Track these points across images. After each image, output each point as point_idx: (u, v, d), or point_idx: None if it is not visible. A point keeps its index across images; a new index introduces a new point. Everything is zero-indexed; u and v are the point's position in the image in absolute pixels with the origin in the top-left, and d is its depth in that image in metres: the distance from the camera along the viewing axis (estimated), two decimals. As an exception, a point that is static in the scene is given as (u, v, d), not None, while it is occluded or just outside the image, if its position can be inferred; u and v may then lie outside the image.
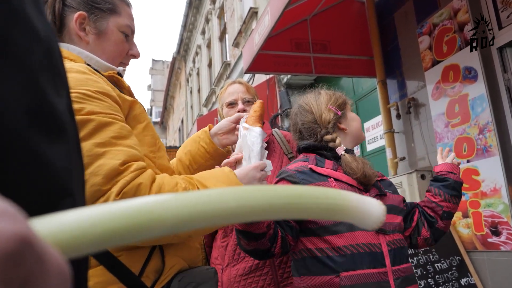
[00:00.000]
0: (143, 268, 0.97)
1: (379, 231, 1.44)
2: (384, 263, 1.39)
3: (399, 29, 4.14)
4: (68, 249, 0.26)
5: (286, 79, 6.60)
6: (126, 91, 1.15)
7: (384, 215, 0.43)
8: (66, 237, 0.26)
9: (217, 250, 1.87)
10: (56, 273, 0.23)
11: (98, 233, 0.27)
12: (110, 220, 0.28)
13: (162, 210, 0.30)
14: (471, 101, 3.21)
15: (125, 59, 1.26)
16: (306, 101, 1.69)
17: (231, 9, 10.59)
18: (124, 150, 0.92)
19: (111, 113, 0.96)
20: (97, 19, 1.16)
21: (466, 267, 3.18)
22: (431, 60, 3.62)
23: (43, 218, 0.26)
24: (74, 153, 0.40)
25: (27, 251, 0.21)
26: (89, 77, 0.99)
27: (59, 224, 0.26)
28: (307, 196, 0.38)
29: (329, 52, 4.50)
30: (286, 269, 1.76)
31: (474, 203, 3.17)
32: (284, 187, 0.37)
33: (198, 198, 0.32)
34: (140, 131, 1.08)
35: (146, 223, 0.29)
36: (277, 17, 3.41)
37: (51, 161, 0.34)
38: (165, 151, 1.17)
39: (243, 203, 0.34)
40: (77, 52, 1.13)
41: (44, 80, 0.36)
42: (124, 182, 0.88)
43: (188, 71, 18.14)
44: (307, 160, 1.55)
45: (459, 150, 3.30)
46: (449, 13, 3.44)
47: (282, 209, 0.36)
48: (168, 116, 26.36)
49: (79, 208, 0.28)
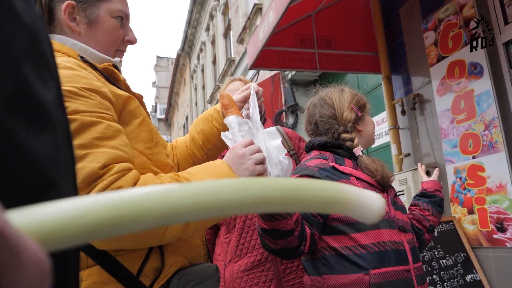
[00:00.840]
0: (141, 267, 0.95)
1: (401, 229, 1.47)
2: (408, 260, 1.42)
3: (404, 24, 4.11)
4: (48, 241, 0.25)
5: (291, 75, 6.59)
6: (121, 83, 1.11)
7: (384, 208, 0.43)
8: (46, 229, 0.25)
9: (220, 246, 1.87)
10: (32, 265, 0.22)
11: (80, 225, 0.26)
12: (92, 212, 0.27)
13: (148, 201, 0.29)
14: (476, 97, 3.19)
15: (122, 46, 1.20)
16: (329, 94, 1.68)
17: (235, 5, 10.57)
18: (107, 152, 0.87)
19: (97, 112, 0.91)
20: (87, 7, 1.10)
21: (471, 264, 3.17)
22: (436, 55, 3.60)
23: (22, 209, 0.26)
24: (63, 145, 0.39)
25: (1, 242, 0.20)
26: (77, 73, 0.94)
27: (39, 216, 0.25)
28: (305, 188, 0.37)
29: (334, 48, 4.48)
30: (288, 264, 1.76)
31: (480, 199, 3.16)
32: (280, 179, 0.36)
33: (189, 189, 0.31)
34: (136, 126, 1.04)
35: (130, 216, 0.28)
36: (282, 13, 3.40)
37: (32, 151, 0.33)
38: (164, 146, 1.14)
39: (237, 195, 0.33)
40: (70, 44, 1.08)
41: (27, 68, 0.35)
42: (102, 186, 0.84)
43: (193, 67, 18.14)
44: (325, 158, 1.54)
45: (465, 146, 3.28)
46: (454, 8, 3.42)
47: (277, 202, 0.35)
48: (173, 113, 26.38)
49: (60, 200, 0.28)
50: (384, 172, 1.52)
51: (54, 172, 0.36)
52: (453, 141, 3.39)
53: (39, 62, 0.38)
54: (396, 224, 1.47)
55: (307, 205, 0.37)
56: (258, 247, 1.76)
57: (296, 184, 0.36)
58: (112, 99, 0.99)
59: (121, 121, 1.00)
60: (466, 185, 3.27)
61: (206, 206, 0.31)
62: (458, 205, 3.35)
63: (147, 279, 0.95)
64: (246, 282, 1.73)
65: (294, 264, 1.76)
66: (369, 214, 0.41)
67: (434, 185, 1.81)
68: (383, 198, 0.43)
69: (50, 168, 0.36)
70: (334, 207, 0.39)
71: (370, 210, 0.41)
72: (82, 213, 0.27)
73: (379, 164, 1.54)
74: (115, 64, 1.14)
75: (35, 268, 0.22)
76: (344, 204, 0.39)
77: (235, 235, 1.80)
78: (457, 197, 3.36)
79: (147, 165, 1.02)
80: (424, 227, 1.69)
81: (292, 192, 0.36)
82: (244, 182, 0.34)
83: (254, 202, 0.33)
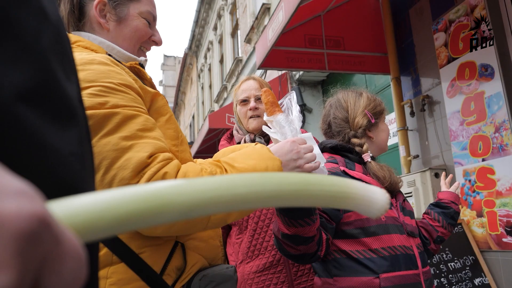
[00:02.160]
0: (165, 266, 0.96)
1: (410, 234, 1.48)
2: (417, 265, 1.43)
3: (414, 25, 4.09)
4: (83, 232, 0.26)
5: (298, 75, 6.58)
6: (147, 82, 1.14)
7: (388, 203, 0.43)
8: (82, 220, 0.26)
9: (232, 246, 1.87)
10: (72, 256, 0.23)
11: (113, 216, 0.27)
12: (124, 203, 0.28)
13: (175, 194, 0.30)
14: (487, 99, 3.16)
15: (146, 44, 1.23)
16: (345, 97, 1.68)
17: (243, 5, 10.56)
18: (151, 142, 0.91)
19: (135, 106, 0.94)
20: (117, 5, 1.14)
21: (480, 267, 3.15)
22: (446, 57, 3.58)
23: (59, 200, 0.26)
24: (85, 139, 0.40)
25: (45, 232, 0.21)
26: (112, 68, 0.97)
27: (75, 207, 0.26)
28: (315, 183, 0.38)
29: (343, 49, 4.47)
30: (300, 267, 1.75)
31: (489, 202, 3.13)
32: (292, 174, 0.37)
33: (209, 183, 0.32)
34: (163, 123, 1.05)
35: (158, 208, 0.29)
36: (291, 12, 3.39)
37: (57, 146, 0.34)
38: (187, 144, 1.15)
39: (253, 189, 0.34)
40: (98, 42, 1.11)
41: (54, 63, 0.35)
42: (151, 173, 0.87)
43: (200, 67, 18.17)
44: (335, 162, 1.54)
45: (474, 149, 3.26)
46: (465, 9, 3.39)
47: (291, 196, 0.36)
48: (179, 112, 26.45)
49: (92, 192, 0.28)
50: (392, 179, 1.53)
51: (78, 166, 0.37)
52: (463, 143, 3.36)
53: (63, 57, 0.38)
54: (405, 229, 1.48)
55: (318, 200, 0.38)
56: (270, 249, 1.75)
57: (308, 179, 0.38)
58: (142, 96, 1.01)
59: None
60: (475, 187, 3.25)
61: (225, 200, 0.32)
62: (467, 207, 3.33)
63: (169, 278, 0.96)
64: (258, 283, 1.72)
65: (306, 267, 1.75)
66: (374, 209, 0.42)
67: (450, 197, 1.77)
68: (388, 194, 0.43)
69: (75, 163, 0.36)
70: (341, 201, 0.40)
71: (374, 204, 0.42)
72: (115, 205, 0.28)
73: (386, 170, 1.55)
74: (141, 63, 1.17)
75: (74, 258, 0.23)
76: (350, 199, 0.40)
77: (247, 236, 1.79)
78: (466, 199, 3.34)
79: None
80: (432, 237, 1.68)
81: (305, 187, 0.37)
82: (260, 177, 0.35)
83: (270, 196, 0.35)
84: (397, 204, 1.55)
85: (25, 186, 0.22)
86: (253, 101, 1.95)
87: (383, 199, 0.43)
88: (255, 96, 1.96)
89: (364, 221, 1.42)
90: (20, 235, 0.20)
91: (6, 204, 0.20)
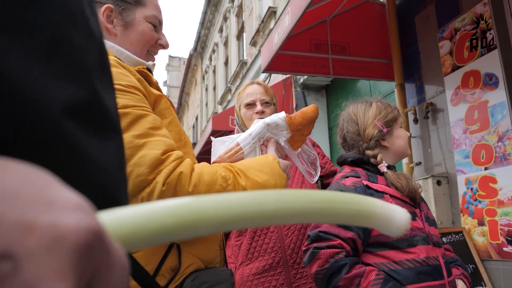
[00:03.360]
0: (159, 266, 0.97)
1: (436, 244, 1.48)
2: (443, 275, 1.43)
3: (419, 32, 4.10)
4: (127, 242, 0.27)
5: (303, 79, 6.59)
6: (153, 86, 1.16)
7: (409, 223, 0.44)
8: (126, 231, 0.28)
9: (231, 248, 1.88)
10: (119, 266, 0.24)
11: (154, 228, 0.29)
12: (165, 216, 0.29)
13: (212, 209, 0.31)
14: (491, 108, 3.17)
15: (153, 48, 1.27)
16: (354, 110, 1.68)
17: (249, 8, 10.59)
18: (162, 140, 0.94)
19: (143, 106, 0.98)
20: (123, 11, 1.18)
21: (480, 276, 3.14)
22: (451, 65, 3.58)
23: (106, 212, 0.28)
24: (122, 150, 0.42)
25: (98, 244, 0.22)
26: (120, 70, 1.00)
27: (120, 218, 0.28)
28: (340, 201, 0.39)
29: (348, 54, 4.48)
30: (299, 270, 1.76)
31: (491, 211, 3.13)
32: (318, 192, 0.38)
33: (244, 199, 0.33)
34: (165, 126, 1.07)
35: (197, 222, 0.30)
36: (298, 17, 3.40)
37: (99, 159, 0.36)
38: (191, 147, 1.17)
39: (282, 206, 0.35)
40: (108, 46, 1.14)
41: (97, 80, 0.37)
42: (168, 172, 0.90)
43: (204, 68, 18.20)
44: (357, 176, 1.55)
45: (477, 157, 3.26)
46: (471, 18, 3.40)
47: (317, 213, 0.37)
48: (183, 113, 26.48)
49: (135, 204, 0.30)
50: (410, 186, 1.52)
51: (118, 175, 0.39)
52: (466, 152, 3.37)
53: (104, 72, 0.40)
54: (430, 240, 1.48)
55: (341, 217, 0.39)
56: (269, 251, 1.76)
57: (334, 198, 0.39)
58: (147, 97, 1.04)
59: None
60: (477, 196, 3.25)
61: (256, 216, 0.33)
62: (468, 216, 3.33)
63: (163, 279, 0.96)
64: (257, 285, 1.73)
65: (305, 269, 1.76)
66: (394, 227, 0.43)
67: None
68: (409, 214, 0.44)
69: (115, 172, 0.38)
70: (363, 219, 0.41)
71: (395, 223, 0.43)
72: (156, 217, 0.29)
73: (403, 179, 1.54)
74: (148, 67, 1.20)
75: (121, 268, 0.24)
76: (372, 217, 0.41)
77: (247, 238, 1.80)
78: (467, 208, 3.34)
79: None
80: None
81: (329, 205, 0.38)
82: (290, 194, 0.36)
83: (298, 213, 0.36)
84: (422, 214, 1.55)
85: (82, 200, 0.23)
86: (259, 105, 1.97)
87: (404, 218, 0.43)
88: (261, 100, 1.98)
89: (386, 236, 1.42)
90: (78, 248, 0.21)
91: (67, 218, 0.21)
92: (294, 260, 1.77)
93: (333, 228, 1.44)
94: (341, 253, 1.40)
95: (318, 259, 1.41)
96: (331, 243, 1.41)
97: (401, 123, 1.70)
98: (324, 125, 6.60)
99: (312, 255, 1.43)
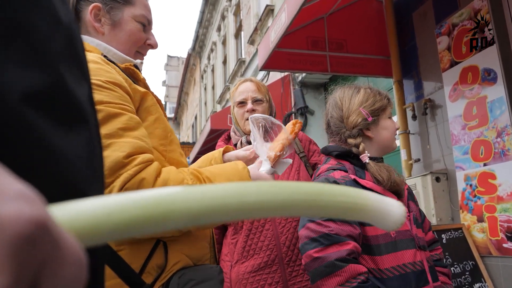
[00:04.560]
0: (145, 264, 0.96)
1: (420, 247, 1.40)
2: (428, 280, 1.36)
3: (417, 28, 4.08)
4: (85, 237, 0.26)
5: (301, 77, 6.57)
6: (141, 83, 1.15)
7: (405, 216, 0.42)
8: (84, 224, 0.26)
9: (227, 247, 1.87)
10: (72, 260, 0.22)
11: (115, 222, 0.27)
12: (128, 209, 0.27)
13: (181, 201, 0.29)
14: (489, 104, 3.15)
15: (142, 49, 1.26)
16: (341, 95, 1.59)
17: (247, 6, 10.57)
18: (130, 142, 0.91)
19: (120, 103, 0.95)
20: (111, 9, 1.17)
21: (480, 272, 3.13)
22: (449, 61, 3.56)
23: (61, 204, 0.26)
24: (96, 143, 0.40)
25: (44, 236, 0.21)
26: (101, 67, 0.99)
27: (77, 211, 0.26)
28: (328, 193, 0.36)
29: (345, 51, 4.46)
30: (295, 267, 1.75)
31: (490, 207, 3.12)
32: (305, 184, 0.36)
33: (219, 190, 0.31)
34: (151, 123, 1.07)
35: (164, 214, 0.29)
36: (294, 14, 3.39)
37: (64, 150, 0.34)
38: (178, 145, 1.15)
39: (264, 198, 0.33)
40: (95, 44, 1.13)
41: (64, 67, 0.35)
42: (127, 176, 0.87)
43: (203, 67, 18.18)
44: (345, 170, 1.45)
45: (476, 153, 3.24)
46: (469, 13, 3.38)
47: (302, 206, 0.35)
48: (182, 112, 26.47)
49: (96, 197, 0.28)
50: (392, 179, 1.42)
51: (86, 170, 0.37)
52: (464, 148, 3.35)
53: (74, 61, 0.38)
54: (417, 243, 1.40)
55: (330, 210, 0.37)
56: (265, 249, 1.75)
57: (320, 189, 0.36)
58: (131, 94, 1.02)
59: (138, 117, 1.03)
60: (476, 192, 3.23)
61: (234, 208, 0.31)
62: (467, 212, 3.31)
63: (149, 276, 0.96)
64: (252, 283, 1.72)
65: (300, 267, 1.75)
66: (389, 221, 0.41)
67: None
68: (404, 206, 0.42)
69: (82, 166, 0.36)
70: (355, 213, 0.39)
71: (390, 217, 0.41)
72: (119, 210, 0.27)
73: (385, 171, 1.44)
74: (135, 64, 1.19)
75: (75, 263, 0.23)
76: (365, 211, 0.39)
77: (242, 236, 1.79)
78: (466, 204, 3.32)
79: (160, 161, 1.04)
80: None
81: (316, 197, 0.36)
82: (272, 185, 0.34)
83: (281, 205, 0.34)
84: (411, 215, 1.47)
85: (26, 189, 0.22)
86: (250, 103, 1.95)
87: (399, 212, 0.41)
88: (252, 98, 1.96)
89: (370, 238, 1.35)
90: (17, 239, 0.20)
91: (6, 207, 0.20)
92: (289, 258, 1.75)
93: (340, 225, 1.31)
94: (363, 275, 1.25)
95: (337, 276, 1.24)
96: (349, 249, 1.27)
97: (390, 113, 1.58)
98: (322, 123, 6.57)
99: (332, 268, 1.25)
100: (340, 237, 1.29)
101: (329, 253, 1.27)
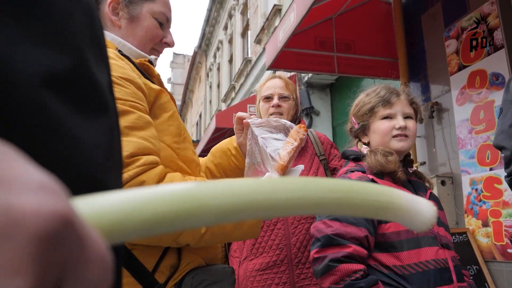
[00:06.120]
0: (158, 263, 0.94)
1: (444, 246, 1.39)
2: (452, 279, 1.34)
3: (425, 31, 4.06)
4: (111, 234, 0.23)
5: (307, 77, 6.56)
6: (155, 79, 1.14)
7: (436, 216, 0.41)
8: (110, 220, 0.23)
9: (237, 243, 1.86)
10: (97, 260, 0.20)
11: (143, 217, 0.25)
12: (157, 204, 0.25)
13: (211, 197, 0.27)
14: (497, 108, 3.13)
15: (158, 46, 1.24)
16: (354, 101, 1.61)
17: (254, 6, 10.56)
18: (135, 141, 0.88)
19: (131, 101, 0.93)
20: (130, 4, 1.16)
21: (483, 277, 3.12)
22: (457, 64, 3.55)
23: (84, 197, 0.23)
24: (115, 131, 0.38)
25: (68, 233, 0.19)
26: (115, 62, 0.98)
27: (103, 205, 0.24)
28: (360, 191, 0.35)
29: (353, 52, 4.45)
30: (303, 270, 1.73)
31: (495, 212, 3.10)
32: (336, 181, 0.35)
33: (249, 187, 0.30)
34: (165, 120, 1.05)
35: (195, 210, 0.27)
36: (303, 14, 3.38)
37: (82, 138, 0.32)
38: (191, 143, 1.14)
39: (295, 195, 0.31)
40: (110, 38, 1.12)
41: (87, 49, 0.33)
42: (126, 177, 0.83)
43: (209, 66, 18.19)
44: (363, 171, 1.45)
45: (482, 158, 3.23)
46: (478, 17, 3.37)
47: (333, 204, 0.34)
48: (187, 110, 26.48)
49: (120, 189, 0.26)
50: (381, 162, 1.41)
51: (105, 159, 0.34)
52: (471, 152, 3.34)
53: (95, 44, 0.36)
54: (439, 241, 1.38)
55: (360, 209, 0.36)
56: (274, 248, 1.74)
57: (353, 187, 0.35)
58: (145, 91, 1.01)
59: (151, 114, 1.02)
60: (482, 197, 3.22)
61: (264, 205, 0.30)
62: (472, 217, 3.30)
63: (162, 275, 0.95)
64: (259, 282, 1.71)
65: (309, 270, 1.72)
66: (419, 221, 0.39)
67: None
68: (435, 206, 0.41)
69: (102, 156, 0.34)
70: (384, 212, 0.38)
71: (420, 216, 0.39)
72: (146, 205, 0.25)
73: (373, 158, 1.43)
74: (150, 60, 1.18)
75: (100, 263, 0.20)
76: (394, 209, 0.38)
77: None
78: (472, 208, 3.31)
79: (173, 159, 1.03)
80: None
81: (348, 195, 0.34)
82: (303, 182, 0.33)
83: (312, 203, 0.32)
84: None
85: (48, 179, 0.19)
86: (276, 99, 1.96)
87: (430, 211, 0.40)
88: (279, 94, 1.97)
89: (392, 235, 1.34)
90: (40, 236, 0.17)
91: (26, 199, 0.17)
92: (299, 260, 1.74)
93: (345, 227, 1.31)
94: (359, 272, 1.26)
95: (332, 275, 1.27)
96: (346, 252, 1.28)
97: (390, 112, 1.49)
98: (328, 124, 6.57)
99: (327, 268, 1.29)
100: (342, 240, 1.31)
101: (326, 254, 1.31)
